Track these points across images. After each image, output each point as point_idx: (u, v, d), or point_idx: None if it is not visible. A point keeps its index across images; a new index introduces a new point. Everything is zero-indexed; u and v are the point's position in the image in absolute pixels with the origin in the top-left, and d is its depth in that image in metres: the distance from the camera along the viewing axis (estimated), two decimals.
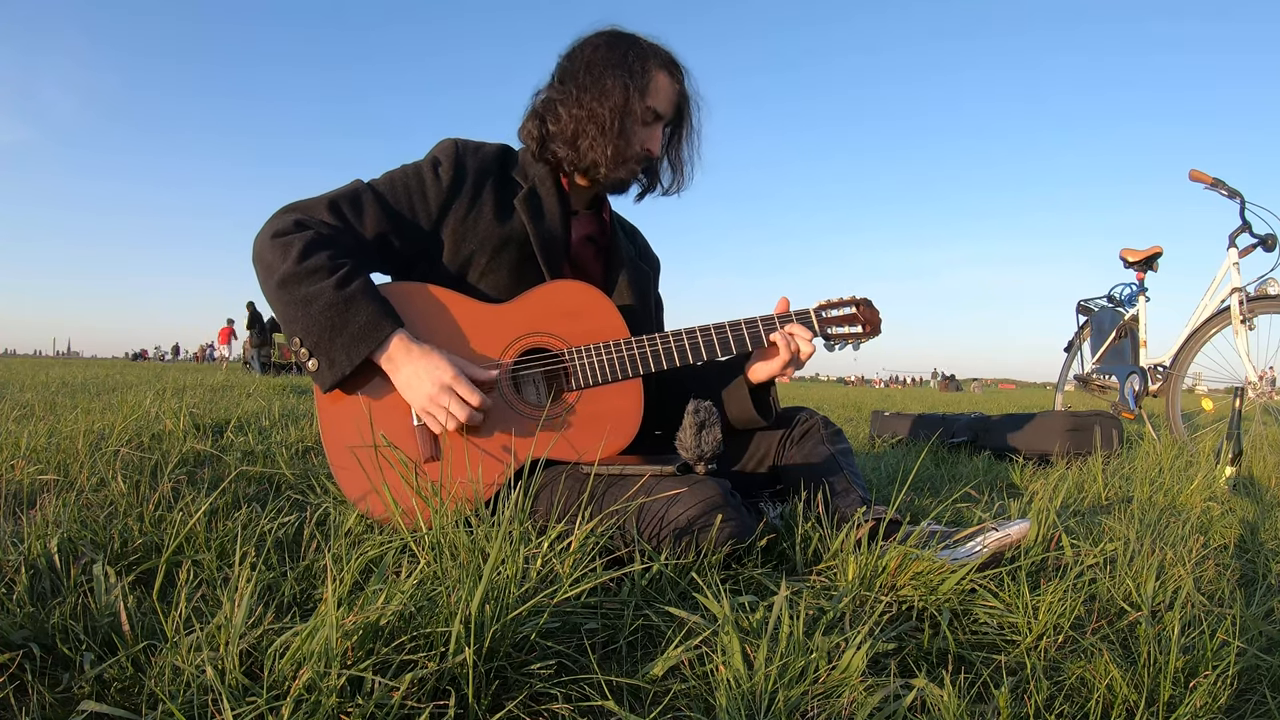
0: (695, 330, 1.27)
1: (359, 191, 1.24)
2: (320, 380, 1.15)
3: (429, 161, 1.29)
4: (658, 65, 1.30)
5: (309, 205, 1.21)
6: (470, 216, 1.28)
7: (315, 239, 1.15)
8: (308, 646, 0.65)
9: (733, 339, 1.28)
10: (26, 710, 0.64)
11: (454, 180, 1.27)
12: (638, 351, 1.25)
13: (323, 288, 1.11)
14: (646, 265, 1.51)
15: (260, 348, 14.69)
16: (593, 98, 1.27)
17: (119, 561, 0.96)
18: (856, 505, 1.23)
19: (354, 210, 1.22)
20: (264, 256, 1.15)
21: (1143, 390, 3.23)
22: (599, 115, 1.26)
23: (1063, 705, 0.76)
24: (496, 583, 0.76)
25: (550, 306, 1.25)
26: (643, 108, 1.28)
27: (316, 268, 1.12)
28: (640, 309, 1.41)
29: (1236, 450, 2.06)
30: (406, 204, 1.25)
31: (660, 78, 1.30)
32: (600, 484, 1.11)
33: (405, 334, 1.14)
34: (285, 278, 1.12)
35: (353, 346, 1.12)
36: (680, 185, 1.43)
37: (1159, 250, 3.43)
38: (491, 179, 1.31)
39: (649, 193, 1.43)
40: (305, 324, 1.12)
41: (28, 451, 1.54)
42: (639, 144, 1.30)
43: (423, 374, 1.13)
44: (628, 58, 1.28)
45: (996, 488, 2.10)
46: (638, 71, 1.28)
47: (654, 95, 1.30)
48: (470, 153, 1.31)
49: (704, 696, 0.72)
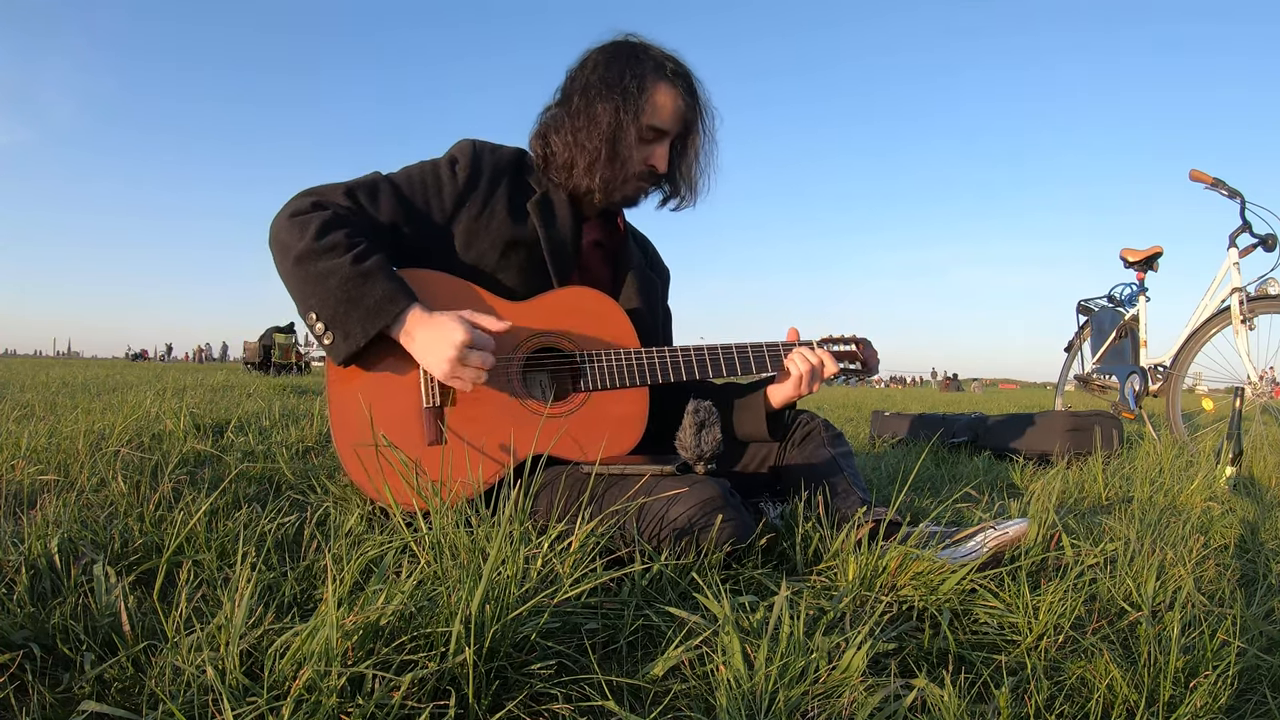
0: (705, 349, 1.30)
1: (376, 182, 1.25)
2: (335, 354, 1.15)
3: (446, 159, 1.30)
4: (659, 79, 1.30)
5: (326, 190, 1.22)
6: (483, 216, 1.28)
7: (332, 218, 1.16)
8: (308, 646, 0.65)
9: (739, 361, 1.32)
10: (27, 710, 0.64)
11: (469, 179, 1.28)
12: (647, 361, 1.26)
13: (340, 263, 1.12)
14: (655, 274, 1.52)
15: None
16: (583, 126, 1.28)
17: (119, 561, 0.96)
18: (857, 506, 1.23)
19: (370, 198, 1.23)
20: (280, 236, 1.16)
21: (1143, 390, 3.23)
22: (588, 148, 1.28)
23: (1063, 705, 0.76)
24: (497, 583, 0.76)
25: (565, 309, 1.27)
26: (639, 128, 1.29)
27: (334, 244, 1.13)
28: (648, 315, 1.42)
29: (1237, 450, 2.06)
30: (422, 198, 1.27)
31: (661, 93, 1.30)
32: (600, 484, 1.11)
33: (420, 307, 1.15)
34: (302, 254, 1.13)
35: (368, 319, 1.12)
36: (692, 199, 1.41)
37: (1159, 250, 3.43)
38: (506, 181, 1.32)
39: (670, 200, 1.42)
40: (321, 298, 1.12)
41: (28, 451, 1.54)
42: (639, 163, 1.31)
43: (438, 338, 1.12)
44: (624, 77, 1.28)
45: (996, 488, 2.09)
46: (633, 92, 1.27)
47: (653, 113, 1.29)
48: (487, 154, 1.32)
49: (704, 696, 0.72)
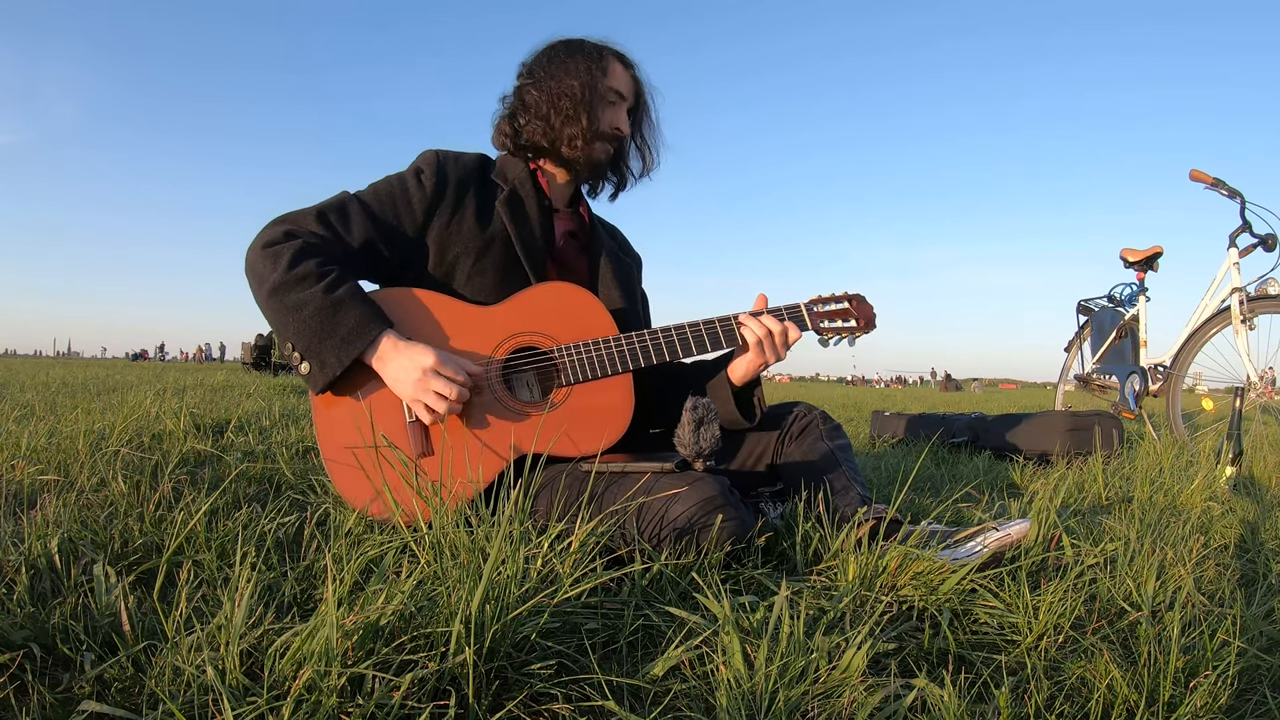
0: (683, 326, 1.29)
1: (345, 202, 1.27)
2: (312, 383, 1.17)
3: (412, 171, 1.33)
4: (611, 55, 1.39)
5: (298, 217, 1.24)
6: (454, 222, 1.31)
7: (304, 247, 1.18)
8: (308, 646, 0.65)
9: (721, 333, 1.30)
10: (27, 710, 0.64)
11: (436, 187, 1.31)
12: (625, 347, 1.26)
13: (312, 293, 1.14)
14: (628, 259, 1.54)
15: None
16: (560, 77, 1.35)
17: (119, 561, 0.96)
18: (856, 504, 1.24)
19: (341, 220, 1.25)
20: (255, 267, 1.18)
21: (1143, 390, 3.23)
22: (569, 87, 1.34)
23: (1063, 705, 0.76)
24: (496, 583, 0.76)
25: (539, 307, 1.27)
26: (605, 87, 1.36)
27: (305, 275, 1.15)
28: (627, 301, 1.44)
29: (1237, 450, 2.06)
30: (392, 212, 1.29)
31: (615, 65, 1.39)
32: (600, 483, 1.11)
33: (394, 333, 1.17)
34: (275, 286, 1.14)
35: (342, 348, 1.14)
36: (649, 167, 1.50)
37: (1159, 250, 3.43)
38: (473, 184, 1.35)
39: (621, 190, 1.50)
40: (296, 329, 1.14)
41: (28, 451, 1.54)
42: (608, 123, 1.37)
43: (407, 364, 1.15)
44: (584, 47, 1.38)
45: (996, 488, 2.09)
46: (595, 57, 1.36)
47: (614, 78, 1.38)
48: (451, 161, 1.35)
49: (704, 696, 0.72)
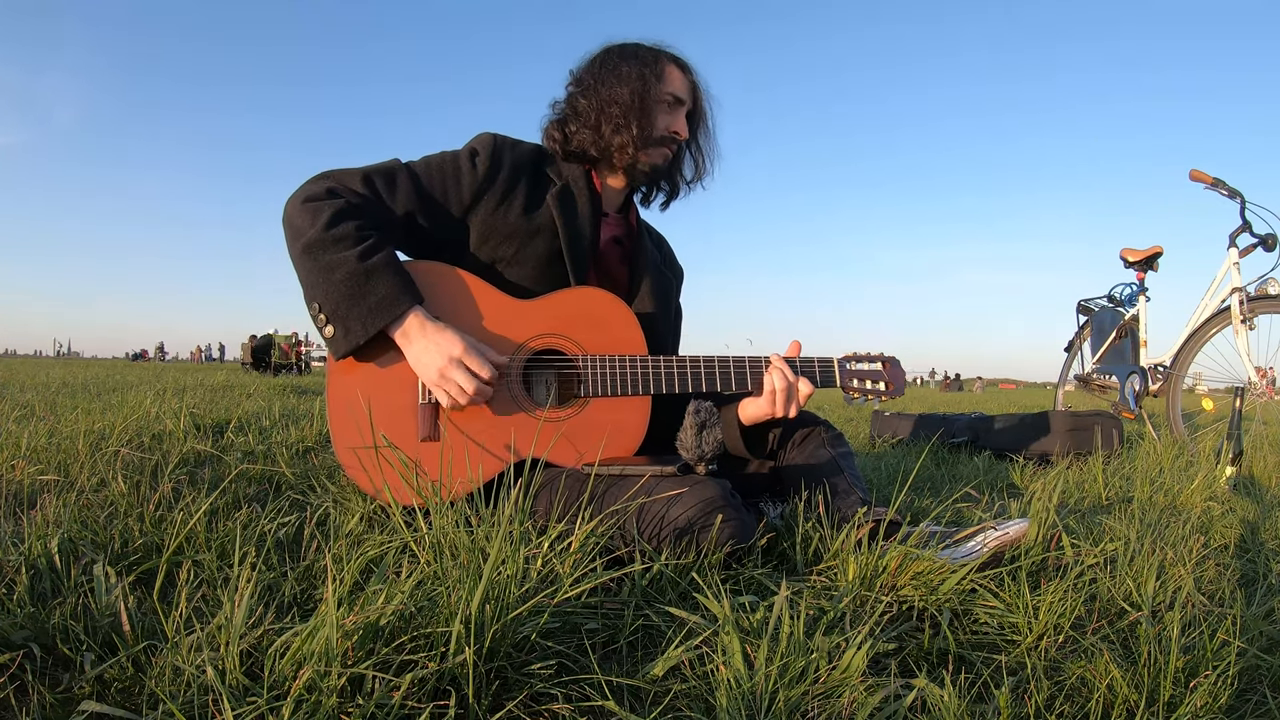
0: (711, 360, 1.27)
1: (395, 169, 1.25)
2: (334, 348, 1.15)
3: (467, 151, 1.30)
4: (667, 59, 1.35)
5: (343, 175, 1.22)
6: (501, 209, 1.28)
7: (345, 207, 1.16)
8: (308, 646, 0.65)
9: (749, 374, 1.28)
10: (27, 710, 0.64)
11: (489, 171, 1.28)
12: (651, 371, 1.24)
13: (346, 256, 1.12)
14: (670, 273, 1.51)
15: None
16: (611, 84, 1.31)
17: (119, 562, 0.95)
18: (857, 506, 1.23)
19: (387, 186, 1.23)
20: (293, 220, 1.16)
21: (1143, 390, 3.23)
22: (620, 96, 1.30)
23: (1063, 705, 0.76)
24: (497, 583, 0.76)
25: (573, 310, 1.25)
26: (660, 91, 1.32)
27: (342, 236, 1.13)
28: (661, 316, 1.42)
29: (1237, 450, 2.06)
30: (440, 188, 1.26)
31: (671, 69, 1.35)
32: (600, 484, 1.11)
33: (422, 311, 1.15)
34: (310, 243, 1.13)
35: (369, 318, 1.12)
36: (701, 174, 1.46)
37: (1159, 250, 3.43)
38: (526, 174, 1.32)
39: (674, 199, 1.46)
40: (326, 290, 1.12)
41: (28, 451, 1.54)
42: (664, 126, 1.34)
43: (434, 348, 1.13)
44: (639, 52, 1.34)
45: (996, 488, 2.09)
46: (650, 61, 1.33)
47: (670, 83, 1.34)
48: (507, 148, 1.32)
49: (704, 696, 0.72)
